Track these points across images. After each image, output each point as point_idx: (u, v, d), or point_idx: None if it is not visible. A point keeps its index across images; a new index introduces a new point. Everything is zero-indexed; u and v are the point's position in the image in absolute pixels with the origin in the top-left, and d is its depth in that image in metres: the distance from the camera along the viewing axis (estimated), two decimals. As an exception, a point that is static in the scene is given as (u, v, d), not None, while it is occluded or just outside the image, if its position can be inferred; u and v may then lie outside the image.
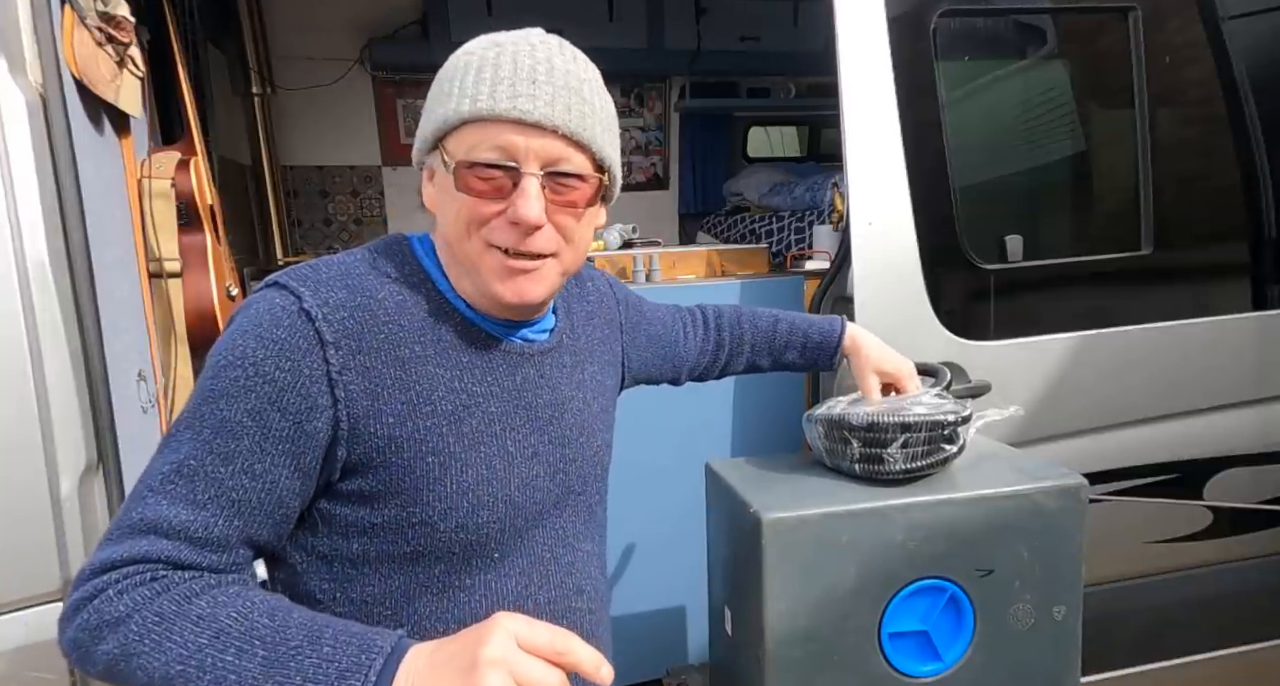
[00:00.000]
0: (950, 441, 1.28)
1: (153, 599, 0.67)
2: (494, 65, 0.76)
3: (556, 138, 0.76)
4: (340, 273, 0.79)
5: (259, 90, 3.44)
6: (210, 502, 0.70)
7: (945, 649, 1.26)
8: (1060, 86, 1.93)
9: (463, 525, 0.80)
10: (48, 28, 1.18)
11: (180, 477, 0.70)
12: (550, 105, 0.75)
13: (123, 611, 0.66)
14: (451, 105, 0.76)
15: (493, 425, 0.82)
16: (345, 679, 0.61)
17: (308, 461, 0.74)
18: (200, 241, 1.73)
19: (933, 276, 1.70)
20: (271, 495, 0.73)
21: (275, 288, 0.77)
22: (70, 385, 1.19)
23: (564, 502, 0.91)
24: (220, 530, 0.71)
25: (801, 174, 3.69)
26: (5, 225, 1.14)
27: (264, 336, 0.73)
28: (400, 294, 0.80)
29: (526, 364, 0.87)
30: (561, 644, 0.61)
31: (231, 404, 0.71)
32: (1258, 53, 1.87)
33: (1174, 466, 1.88)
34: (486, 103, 0.74)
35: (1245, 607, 1.96)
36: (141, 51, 1.54)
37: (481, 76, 0.76)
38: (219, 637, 0.65)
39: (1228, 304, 1.88)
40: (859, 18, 1.65)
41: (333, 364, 0.73)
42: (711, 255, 2.44)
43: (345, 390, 0.74)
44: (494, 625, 0.60)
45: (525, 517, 0.85)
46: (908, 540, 1.21)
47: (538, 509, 0.87)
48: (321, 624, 0.66)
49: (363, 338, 0.75)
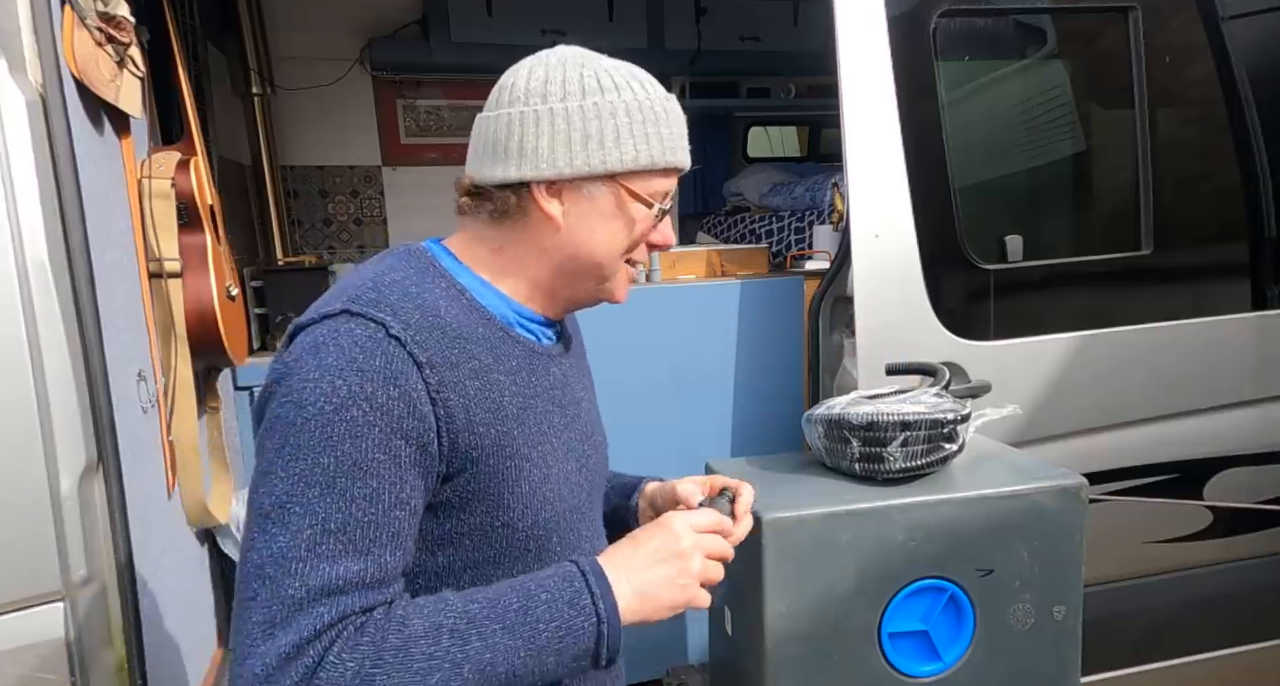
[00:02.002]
0: (950, 440, 1.28)
1: (377, 644, 0.68)
2: (676, 118, 0.86)
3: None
4: (402, 294, 0.79)
5: (259, 90, 3.44)
6: (374, 545, 0.71)
7: (945, 649, 1.26)
8: (1060, 86, 1.93)
9: (535, 522, 0.83)
10: (48, 28, 1.18)
11: (329, 536, 0.69)
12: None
13: (354, 668, 0.66)
14: (657, 150, 0.84)
15: (542, 424, 0.86)
16: (575, 604, 0.73)
17: (431, 481, 0.76)
18: (200, 241, 1.73)
19: (933, 276, 1.70)
20: (416, 517, 0.76)
21: (348, 317, 0.75)
22: (70, 385, 1.19)
23: (593, 496, 0.96)
24: (392, 565, 0.72)
25: (801, 174, 3.69)
26: (5, 225, 1.14)
27: (364, 369, 0.72)
28: (453, 308, 0.82)
29: (552, 364, 0.91)
30: (718, 521, 0.82)
31: (358, 444, 0.70)
32: (1258, 53, 1.87)
33: (1174, 466, 1.88)
34: (682, 157, 0.86)
35: (1245, 607, 1.96)
36: (141, 51, 1.54)
37: (672, 129, 0.85)
38: (454, 635, 0.70)
39: (1227, 304, 1.88)
40: (859, 18, 1.65)
41: (430, 383, 0.75)
42: (711, 255, 2.44)
43: (445, 407, 0.76)
44: (672, 522, 0.80)
45: (573, 511, 0.89)
46: (908, 540, 1.21)
47: (578, 503, 0.91)
48: (510, 586, 0.75)
49: (445, 354, 0.77)
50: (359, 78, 3.81)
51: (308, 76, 3.66)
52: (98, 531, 1.23)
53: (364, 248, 3.96)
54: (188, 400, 1.61)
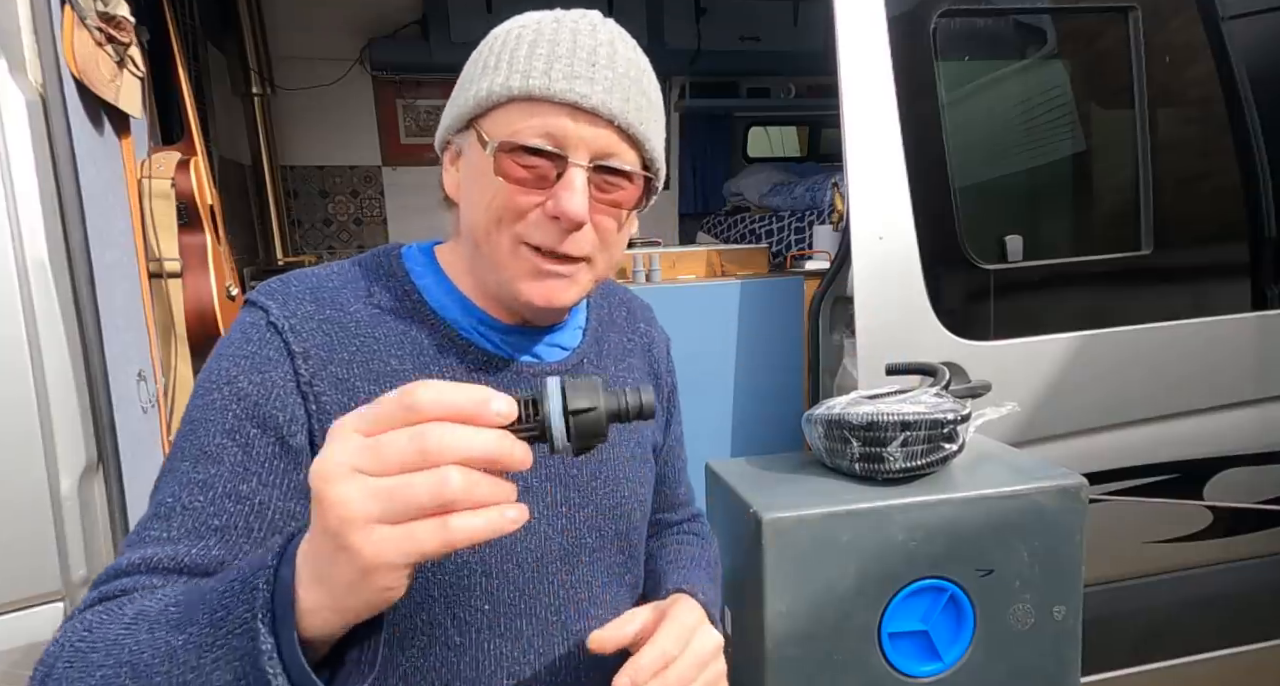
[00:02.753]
0: (950, 440, 1.28)
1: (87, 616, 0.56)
2: (551, 41, 0.68)
3: (611, 129, 0.69)
4: (311, 286, 0.74)
5: (259, 90, 3.44)
6: (185, 535, 0.63)
7: (945, 649, 1.26)
8: (1060, 86, 1.93)
9: (441, 566, 0.70)
10: (48, 28, 1.18)
11: (157, 520, 0.64)
12: (609, 92, 0.68)
13: (64, 642, 0.55)
14: (499, 80, 0.68)
15: None
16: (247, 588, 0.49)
17: (302, 480, 0.67)
18: (200, 241, 1.73)
19: (933, 276, 1.70)
20: (262, 518, 0.65)
21: (246, 306, 0.73)
22: (70, 385, 1.19)
23: (574, 559, 0.78)
24: (194, 558, 0.62)
25: (801, 174, 3.70)
26: (5, 225, 1.14)
27: (235, 354, 0.69)
28: (377, 306, 0.74)
29: (524, 385, 0.77)
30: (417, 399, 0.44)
31: (209, 429, 0.66)
32: (1258, 53, 1.87)
33: (1174, 466, 1.88)
34: (540, 80, 0.67)
35: (1245, 607, 1.96)
36: (141, 51, 1.54)
37: (536, 51, 0.68)
38: (135, 622, 0.54)
39: (1227, 304, 1.88)
40: (859, 18, 1.65)
41: (302, 375, 0.68)
42: (711, 255, 2.44)
43: (318, 402, 0.68)
44: (330, 433, 0.46)
45: (522, 570, 0.74)
46: (908, 540, 1.21)
47: (537, 561, 0.75)
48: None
49: (334, 349, 0.70)
50: (359, 78, 3.81)
51: (308, 76, 3.66)
52: (98, 531, 1.23)
53: (364, 247, 3.97)
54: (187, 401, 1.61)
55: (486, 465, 0.44)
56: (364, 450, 0.44)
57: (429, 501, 0.43)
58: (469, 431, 0.44)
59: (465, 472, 0.43)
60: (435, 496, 0.43)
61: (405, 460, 0.43)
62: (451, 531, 0.43)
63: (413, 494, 0.43)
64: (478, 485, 0.44)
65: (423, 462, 0.43)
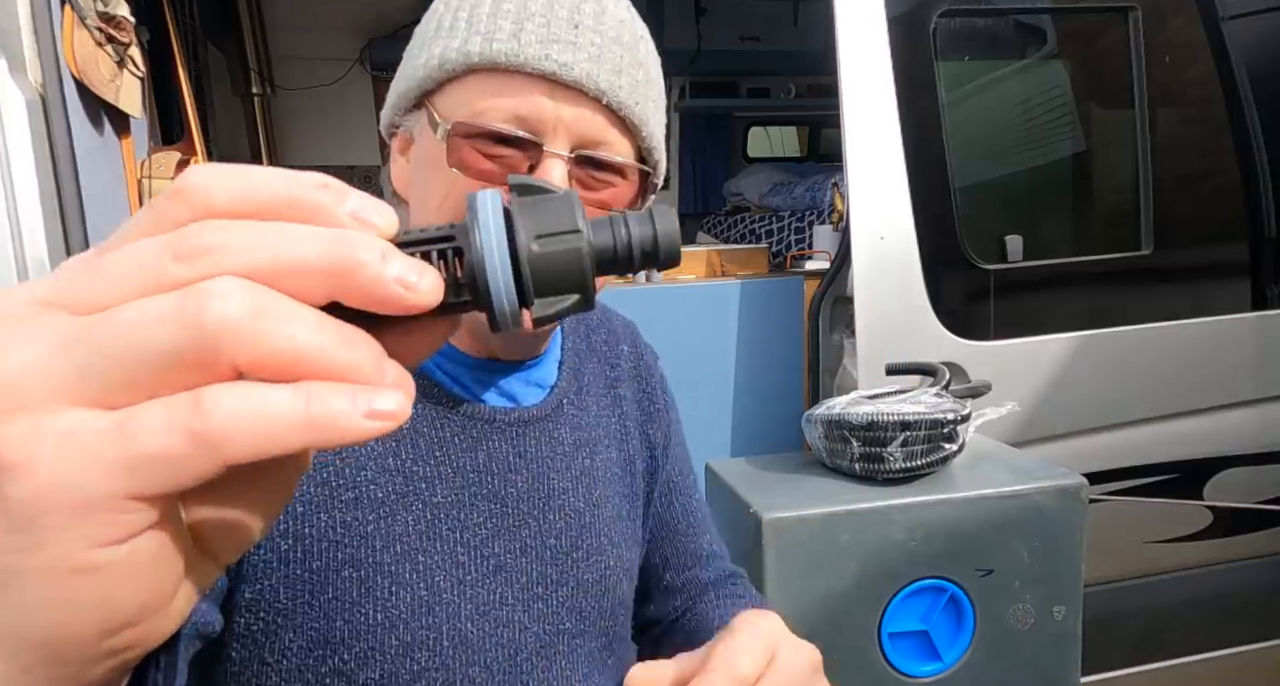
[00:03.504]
0: (950, 440, 1.28)
1: None
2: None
3: (598, 109, 0.54)
4: None
5: (259, 90, 3.44)
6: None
7: (945, 649, 1.26)
8: (1060, 86, 1.93)
9: (392, 675, 0.53)
10: (48, 28, 1.18)
11: None
12: (596, 61, 0.53)
13: None
14: (455, 44, 0.53)
15: (438, 524, 0.56)
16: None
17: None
18: (200, 241, 1.73)
19: (933, 276, 1.70)
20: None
21: None
22: (70, 385, 1.19)
23: (551, 650, 0.61)
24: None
25: (801, 174, 3.69)
26: (5, 225, 1.14)
27: None
28: None
29: (495, 435, 0.60)
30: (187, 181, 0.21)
31: None
32: (1258, 53, 1.87)
33: (1174, 466, 1.88)
34: (507, 44, 0.52)
35: (1245, 607, 1.96)
36: (141, 51, 1.54)
37: (503, 7, 0.53)
38: None
39: (1228, 304, 1.88)
40: (859, 18, 1.65)
41: None
42: (711, 255, 2.44)
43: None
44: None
45: (488, 667, 0.57)
46: (908, 540, 1.21)
47: (508, 654, 0.58)
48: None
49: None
50: (359, 78, 3.81)
51: (308, 76, 3.66)
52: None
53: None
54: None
55: (325, 285, 0.20)
56: (75, 271, 0.20)
57: (165, 344, 0.19)
58: (283, 224, 0.21)
59: (250, 287, 0.19)
60: (182, 332, 0.19)
61: (146, 276, 0.20)
62: (206, 414, 0.19)
63: (131, 332, 0.19)
64: (278, 310, 0.20)
65: (188, 274, 0.19)
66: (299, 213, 0.21)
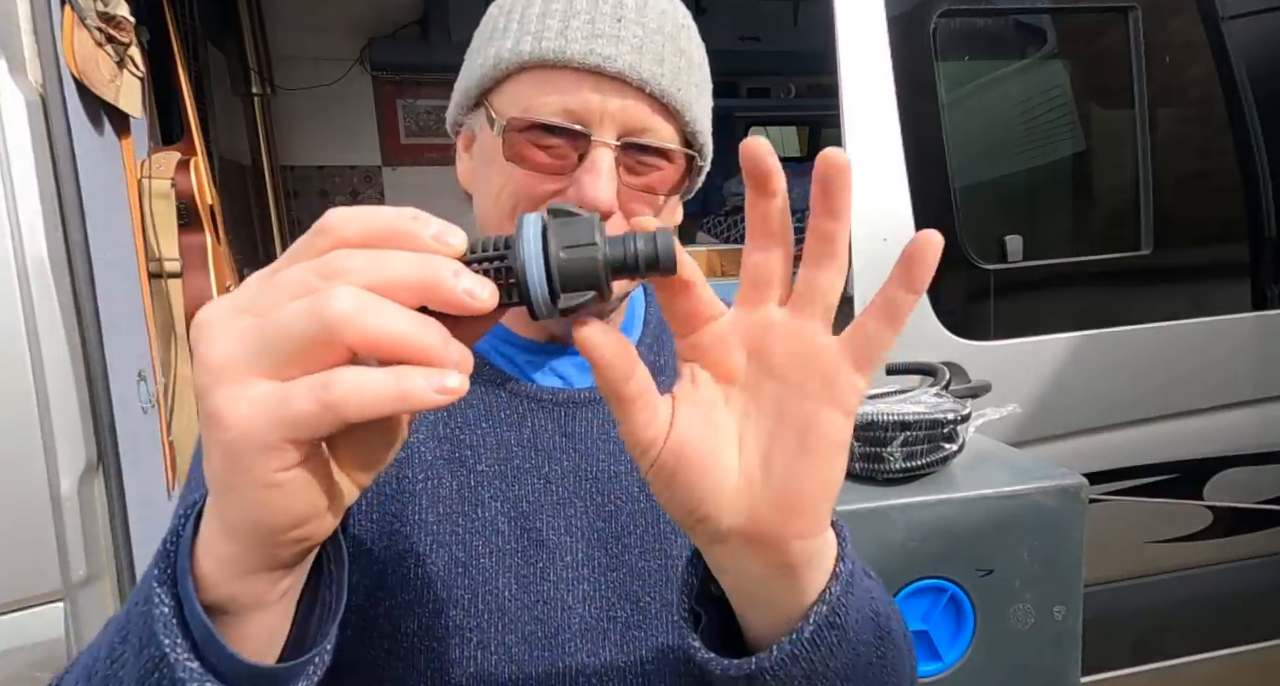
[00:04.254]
0: (950, 440, 1.28)
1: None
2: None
3: (642, 97, 0.57)
4: None
5: (259, 90, 3.44)
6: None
7: (945, 649, 1.25)
8: (1060, 86, 1.93)
9: (428, 628, 0.56)
10: (48, 28, 1.18)
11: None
12: (638, 52, 0.57)
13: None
14: (507, 45, 0.57)
15: (480, 490, 0.59)
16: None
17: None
18: (200, 241, 1.73)
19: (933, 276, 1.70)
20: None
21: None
22: (70, 385, 1.19)
23: (601, 634, 0.60)
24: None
25: (801, 174, 3.69)
26: (5, 225, 1.14)
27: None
28: None
29: (541, 413, 0.63)
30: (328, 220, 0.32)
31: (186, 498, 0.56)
32: (1258, 53, 1.87)
33: (1174, 466, 1.88)
34: (554, 42, 0.56)
35: (1245, 607, 1.96)
36: (141, 51, 1.54)
37: (551, 7, 0.57)
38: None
39: (1227, 304, 1.88)
40: (859, 18, 1.65)
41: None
42: (711, 255, 2.44)
43: None
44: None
45: (526, 640, 0.57)
46: (908, 540, 1.21)
47: (548, 631, 0.58)
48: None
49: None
50: (359, 78, 3.81)
51: (308, 76, 3.66)
52: (98, 531, 1.23)
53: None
54: (188, 400, 1.62)
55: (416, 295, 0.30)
56: (255, 286, 0.31)
57: (303, 331, 0.29)
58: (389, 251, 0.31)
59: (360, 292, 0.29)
60: (313, 321, 0.28)
61: (299, 289, 0.30)
62: (330, 389, 0.28)
63: (284, 323, 0.29)
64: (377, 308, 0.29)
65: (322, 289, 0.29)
66: (398, 239, 0.31)
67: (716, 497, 0.37)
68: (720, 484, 0.37)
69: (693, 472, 0.37)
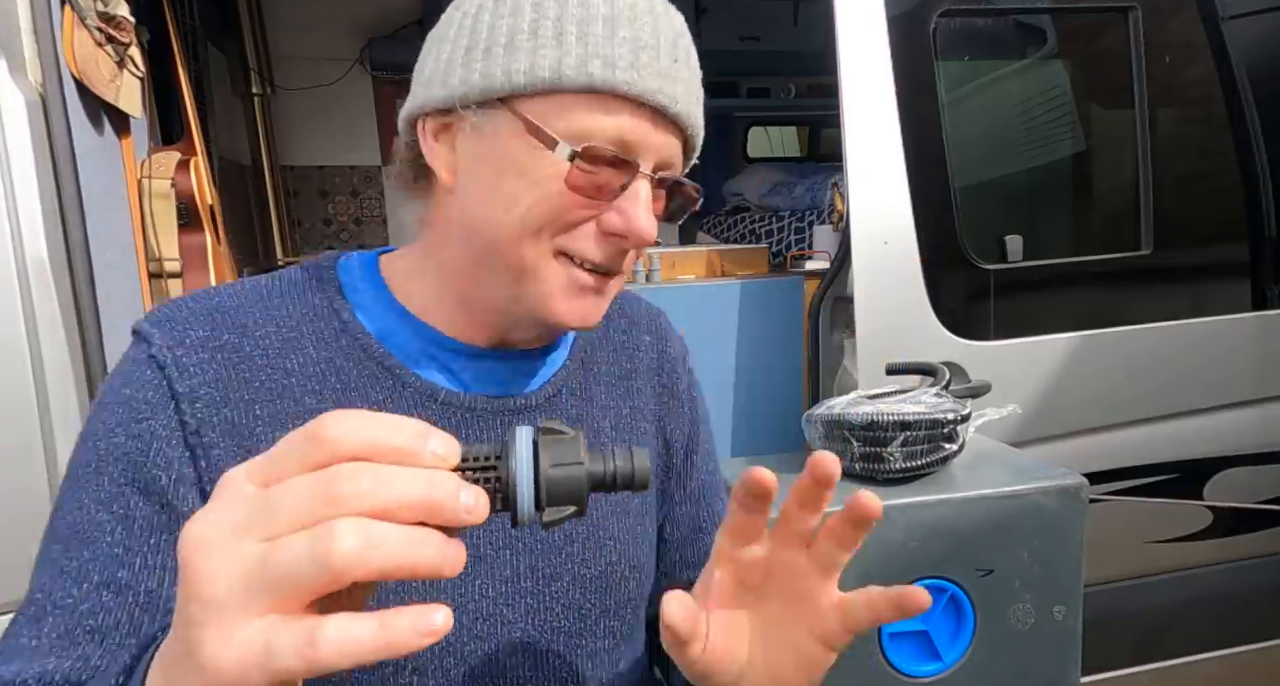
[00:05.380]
0: (950, 440, 1.28)
1: None
2: (630, 20, 0.54)
3: (680, 136, 0.60)
4: (211, 305, 0.58)
5: (259, 90, 3.44)
6: (57, 643, 0.50)
7: (945, 649, 1.25)
8: (1060, 86, 1.93)
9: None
10: (48, 28, 1.18)
11: (28, 622, 0.52)
12: (690, 97, 0.58)
13: None
14: (570, 61, 0.53)
15: None
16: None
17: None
18: (200, 241, 1.73)
19: (932, 276, 1.70)
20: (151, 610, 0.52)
21: (132, 336, 0.58)
22: (70, 385, 1.19)
23: (545, 647, 0.61)
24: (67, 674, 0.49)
25: (801, 174, 3.69)
26: (5, 225, 1.14)
27: (112, 401, 0.55)
28: (294, 329, 0.59)
29: (476, 422, 0.62)
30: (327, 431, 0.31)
31: (83, 499, 0.54)
32: (1258, 53, 1.87)
33: (1174, 466, 1.88)
34: (628, 74, 0.53)
35: (1245, 607, 1.96)
36: (141, 51, 1.54)
37: (618, 33, 0.54)
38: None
39: (1228, 304, 1.88)
40: (859, 18, 1.65)
41: (188, 422, 0.54)
42: (711, 255, 2.44)
43: (207, 456, 0.54)
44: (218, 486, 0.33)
45: (466, 663, 0.58)
46: (908, 540, 1.21)
47: (489, 655, 0.58)
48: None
49: (230, 387, 0.56)
50: (359, 78, 3.81)
51: (308, 76, 3.66)
52: (98, 531, 1.23)
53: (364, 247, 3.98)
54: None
55: (421, 516, 0.31)
56: (253, 503, 0.30)
57: (309, 576, 0.29)
58: (392, 469, 0.31)
59: (363, 526, 0.29)
60: (318, 567, 0.29)
61: (303, 514, 0.29)
62: (317, 646, 0.29)
63: (288, 566, 0.29)
64: (381, 545, 0.29)
65: (330, 514, 0.29)
66: (398, 455, 0.31)
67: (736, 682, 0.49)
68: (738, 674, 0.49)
69: (721, 671, 0.48)
